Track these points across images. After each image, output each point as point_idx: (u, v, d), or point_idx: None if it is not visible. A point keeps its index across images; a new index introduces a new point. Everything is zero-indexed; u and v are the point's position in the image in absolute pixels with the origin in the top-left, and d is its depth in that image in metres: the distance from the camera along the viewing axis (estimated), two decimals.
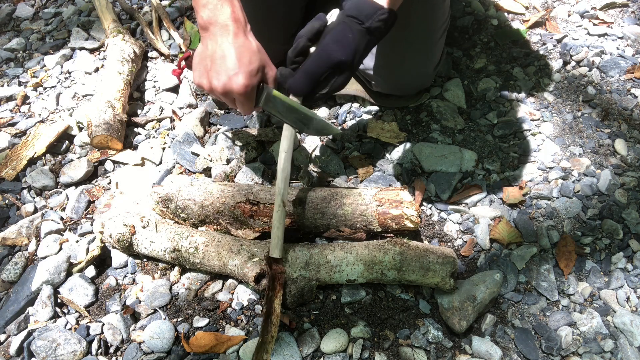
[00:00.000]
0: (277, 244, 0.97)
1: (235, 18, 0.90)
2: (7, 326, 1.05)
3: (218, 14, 0.89)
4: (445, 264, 0.98)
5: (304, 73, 0.92)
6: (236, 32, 0.89)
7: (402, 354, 0.96)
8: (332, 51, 0.89)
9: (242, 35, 0.91)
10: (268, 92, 0.95)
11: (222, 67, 0.90)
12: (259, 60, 0.92)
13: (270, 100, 0.96)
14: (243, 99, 0.92)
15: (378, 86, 1.33)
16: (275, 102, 0.96)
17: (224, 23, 0.89)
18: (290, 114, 0.97)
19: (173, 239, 1.05)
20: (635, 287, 1.05)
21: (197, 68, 0.94)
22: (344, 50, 0.89)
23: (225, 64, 0.89)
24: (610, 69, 1.43)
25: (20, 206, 1.26)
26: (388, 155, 1.31)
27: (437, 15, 1.21)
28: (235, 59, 0.89)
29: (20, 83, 1.59)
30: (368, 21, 0.88)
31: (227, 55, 0.89)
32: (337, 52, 0.89)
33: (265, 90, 0.95)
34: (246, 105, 0.94)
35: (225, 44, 0.89)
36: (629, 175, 1.21)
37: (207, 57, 0.91)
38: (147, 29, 1.64)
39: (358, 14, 0.88)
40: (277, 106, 0.97)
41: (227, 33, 0.89)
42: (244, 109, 0.96)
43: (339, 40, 0.89)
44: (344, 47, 0.89)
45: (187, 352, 0.98)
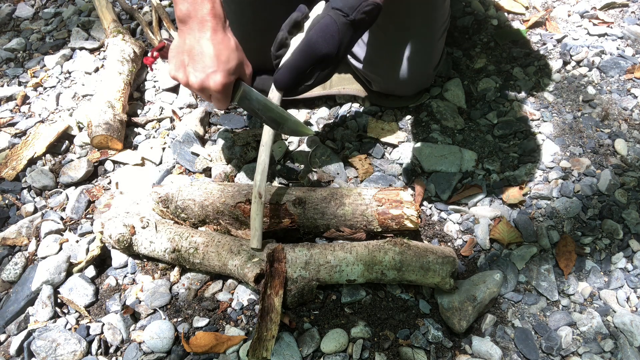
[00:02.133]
0: (255, 234, 0.99)
1: (215, 14, 0.89)
2: (7, 326, 1.05)
3: (198, 9, 0.88)
4: (445, 264, 0.98)
5: (288, 67, 0.91)
6: (215, 28, 0.89)
7: (402, 354, 0.96)
8: (317, 45, 0.89)
9: (221, 31, 0.90)
10: (244, 90, 0.96)
11: (200, 63, 0.89)
12: (237, 58, 0.92)
13: (246, 98, 0.96)
14: (220, 95, 0.92)
15: (378, 86, 1.33)
16: (250, 100, 0.97)
17: (203, 18, 0.88)
18: (265, 113, 0.98)
19: (173, 239, 1.05)
20: (635, 287, 1.05)
21: (173, 61, 0.93)
22: (328, 43, 0.89)
23: (203, 60, 0.89)
24: (610, 69, 1.43)
25: (20, 206, 1.26)
26: (388, 155, 1.31)
27: (437, 16, 1.21)
28: (213, 56, 0.89)
29: (20, 83, 1.59)
30: (352, 13, 0.87)
31: (205, 52, 0.89)
32: (322, 45, 0.89)
33: (242, 87, 0.95)
34: (222, 101, 0.95)
35: (204, 40, 0.89)
36: (629, 175, 1.21)
37: (184, 52, 0.91)
38: (147, 29, 1.64)
39: (343, 7, 0.88)
40: (252, 104, 0.97)
41: (205, 29, 0.88)
42: (219, 105, 0.96)
43: (324, 33, 0.88)
44: (328, 40, 0.89)
45: (187, 352, 0.98)
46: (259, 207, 0.99)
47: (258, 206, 0.99)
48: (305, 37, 0.91)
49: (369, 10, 0.88)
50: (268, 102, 0.97)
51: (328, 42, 0.89)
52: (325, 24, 0.89)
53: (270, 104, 0.97)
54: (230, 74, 0.91)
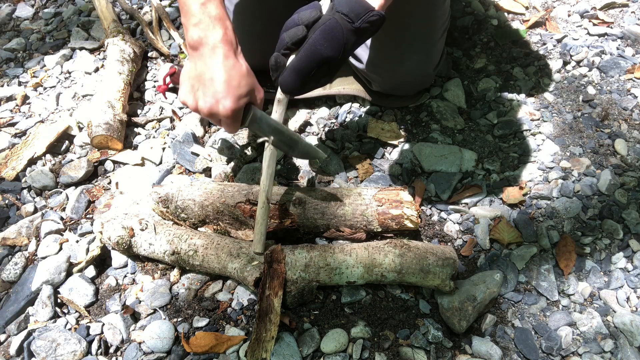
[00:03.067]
0: (260, 239, 0.99)
1: (227, 40, 0.89)
2: (7, 326, 1.05)
3: (209, 35, 0.87)
4: (446, 266, 0.98)
5: (293, 70, 0.90)
6: (227, 55, 0.88)
7: (402, 354, 0.96)
8: (322, 47, 0.88)
9: (233, 57, 0.90)
10: (254, 114, 0.95)
11: (210, 89, 0.89)
12: (248, 84, 0.92)
13: (256, 122, 0.96)
14: (229, 121, 0.92)
15: (378, 86, 1.33)
16: (261, 124, 0.97)
17: (214, 44, 0.88)
18: (276, 136, 0.98)
19: (172, 241, 1.05)
20: (635, 287, 1.05)
21: (184, 86, 0.93)
22: (332, 47, 0.88)
23: (213, 86, 0.89)
24: (610, 69, 1.43)
25: (20, 206, 1.26)
26: (388, 155, 1.31)
27: (437, 15, 1.21)
28: (224, 82, 0.88)
29: (20, 83, 1.59)
30: (358, 21, 0.87)
31: (216, 77, 0.88)
32: (327, 48, 0.88)
33: (252, 112, 0.95)
34: (231, 126, 0.94)
35: (215, 66, 0.88)
36: (629, 175, 1.21)
37: (195, 77, 0.90)
38: (147, 29, 1.64)
39: (349, 12, 0.87)
40: (262, 127, 0.97)
41: (217, 55, 0.88)
42: (228, 129, 0.96)
43: (329, 36, 0.88)
44: (333, 44, 0.88)
45: (187, 352, 0.98)
46: (265, 212, 0.99)
47: (265, 211, 0.99)
48: (309, 38, 0.90)
49: (374, 20, 0.88)
50: (279, 125, 0.97)
51: (332, 46, 0.88)
52: (330, 26, 0.88)
53: (281, 127, 0.97)
54: (240, 99, 0.91)
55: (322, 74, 0.93)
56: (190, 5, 0.87)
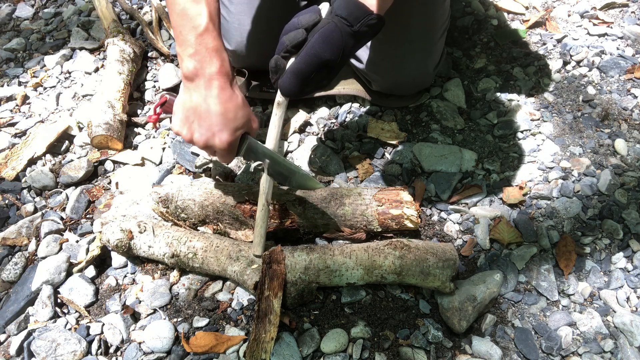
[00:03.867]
0: (260, 242, 0.98)
1: (224, 72, 0.88)
2: (7, 326, 1.05)
3: (206, 67, 0.87)
4: (446, 268, 0.98)
5: (293, 73, 0.90)
6: (223, 87, 0.88)
7: (402, 354, 0.96)
8: (321, 50, 0.88)
9: (229, 89, 0.89)
10: (250, 144, 0.96)
11: (206, 121, 0.89)
12: (244, 116, 0.92)
13: (252, 152, 0.97)
14: (225, 152, 0.93)
15: (378, 86, 1.33)
16: (257, 154, 0.97)
17: (210, 77, 0.87)
18: (271, 166, 0.97)
19: (171, 244, 1.05)
20: (635, 287, 1.05)
21: (178, 117, 0.92)
22: (331, 50, 0.88)
23: (209, 119, 0.88)
24: (610, 69, 1.43)
25: (20, 206, 1.26)
26: (388, 155, 1.31)
27: (437, 15, 1.21)
28: (220, 115, 0.88)
29: (20, 83, 1.59)
30: (357, 25, 0.87)
31: (212, 110, 0.88)
32: (326, 51, 0.88)
33: (247, 142, 0.95)
34: (226, 157, 0.95)
35: (211, 99, 0.88)
36: (629, 175, 1.21)
37: (190, 109, 0.90)
38: (147, 29, 1.64)
39: (348, 16, 0.87)
40: (258, 157, 0.97)
41: (213, 87, 0.88)
42: (223, 160, 0.96)
43: (327, 40, 0.88)
44: (332, 47, 0.88)
45: (187, 352, 0.98)
46: (265, 214, 0.98)
47: (264, 214, 0.98)
48: (308, 42, 0.90)
49: (373, 24, 0.88)
50: (275, 155, 0.96)
51: (332, 49, 0.88)
52: (329, 30, 0.88)
53: (277, 157, 0.97)
54: (236, 132, 0.91)
55: (322, 77, 0.93)
56: (186, 35, 0.86)
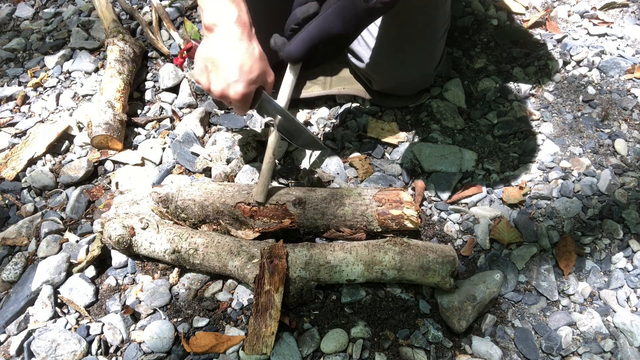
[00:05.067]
0: (263, 190, 1.04)
1: (242, 22, 0.89)
2: (7, 326, 1.05)
3: (224, 16, 0.88)
4: (445, 263, 0.98)
5: (302, 40, 0.92)
6: (240, 37, 0.89)
7: (402, 354, 0.96)
8: (333, 23, 0.89)
9: (246, 40, 0.90)
10: (264, 98, 0.97)
11: (223, 72, 0.90)
12: (260, 68, 0.93)
13: (265, 106, 0.98)
14: (239, 104, 0.94)
15: (378, 86, 1.33)
16: (269, 109, 0.99)
17: (229, 26, 0.88)
18: (282, 123, 1.00)
19: (172, 240, 1.05)
20: (635, 287, 1.05)
21: (198, 65, 0.94)
22: (344, 25, 0.89)
23: (225, 69, 0.90)
24: (610, 69, 1.43)
25: (20, 206, 1.26)
26: (388, 155, 1.31)
27: (438, 15, 1.21)
28: (236, 66, 0.89)
29: (20, 83, 1.59)
30: (373, 0, 0.88)
31: (229, 61, 0.89)
32: (338, 25, 0.89)
33: (262, 96, 0.97)
34: (241, 108, 0.96)
35: (229, 49, 0.89)
36: (629, 175, 1.21)
37: (209, 59, 0.91)
38: (147, 29, 1.63)
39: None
40: (270, 113, 0.99)
41: (231, 37, 0.89)
42: (238, 111, 0.98)
43: (341, 14, 0.89)
44: (345, 22, 0.89)
45: (187, 352, 0.98)
46: (271, 166, 1.04)
47: (270, 166, 1.04)
48: (322, 13, 0.91)
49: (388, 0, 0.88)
50: (286, 112, 0.99)
51: (344, 24, 0.89)
52: (344, 5, 0.89)
53: (288, 114, 0.99)
54: (251, 84, 0.92)
55: (330, 50, 0.94)
56: None
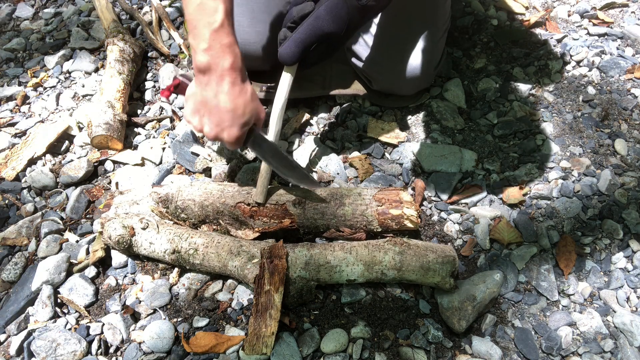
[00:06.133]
0: (262, 191, 1.05)
1: (236, 67, 0.89)
2: (7, 326, 1.05)
3: (218, 63, 0.88)
4: (446, 263, 0.98)
5: (294, 42, 0.92)
6: (234, 82, 0.89)
7: (402, 354, 0.96)
8: (325, 22, 0.89)
9: (239, 84, 0.90)
10: (256, 136, 0.98)
11: (216, 116, 0.90)
12: (252, 110, 0.93)
13: (258, 144, 0.99)
14: (232, 145, 0.95)
15: (378, 85, 1.33)
16: (262, 146, 1.00)
17: (222, 72, 0.88)
18: (275, 159, 1.01)
19: (172, 240, 1.05)
20: (635, 287, 1.05)
21: (190, 106, 0.94)
22: (336, 23, 0.89)
23: (219, 114, 0.90)
24: (610, 69, 1.43)
25: (20, 206, 1.26)
26: (388, 155, 1.31)
27: (438, 15, 1.21)
28: (229, 111, 0.90)
29: (20, 83, 1.59)
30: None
31: (222, 106, 0.89)
32: (330, 24, 0.89)
33: (254, 134, 0.98)
34: (234, 147, 0.97)
35: (221, 95, 0.89)
36: (629, 175, 1.21)
37: (201, 102, 0.91)
38: (147, 29, 1.63)
39: None
40: (263, 149, 1.00)
41: (224, 83, 0.89)
42: (231, 148, 0.98)
43: (333, 12, 0.89)
44: (337, 20, 0.89)
45: (187, 352, 0.98)
46: (269, 167, 1.04)
47: (268, 167, 1.04)
48: (314, 12, 0.91)
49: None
50: (279, 149, 1.00)
51: (336, 22, 0.89)
52: (335, 3, 0.89)
53: (281, 152, 1.00)
54: (244, 126, 0.93)
55: (323, 50, 0.94)
56: (201, 29, 0.87)
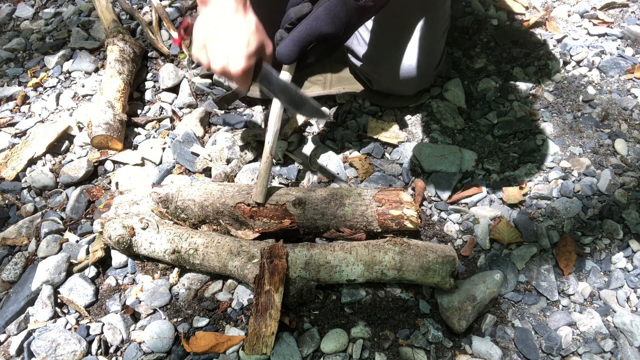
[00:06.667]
0: (262, 191, 1.05)
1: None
2: (7, 326, 1.05)
3: None
4: (445, 263, 0.98)
5: (292, 40, 0.91)
6: (236, 10, 0.87)
7: (402, 354, 0.96)
8: (323, 23, 0.89)
9: (242, 12, 0.88)
10: (265, 70, 0.96)
11: (221, 48, 0.89)
12: (257, 41, 0.91)
13: (266, 79, 0.97)
14: (241, 78, 0.92)
15: (378, 85, 1.33)
16: (270, 81, 0.97)
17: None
18: (285, 94, 0.98)
19: (172, 240, 1.05)
20: (635, 287, 1.05)
21: (196, 42, 0.92)
22: (334, 24, 0.89)
23: (223, 46, 0.88)
24: (610, 69, 1.43)
25: (20, 206, 1.26)
26: (388, 155, 1.31)
27: (438, 15, 1.21)
28: (233, 41, 0.88)
29: (20, 83, 1.59)
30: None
31: (225, 35, 0.88)
32: (328, 25, 0.89)
33: (263, 69, 0.96)
34: (242, 83, 0.95)
35: (225, 23, 0.87)
36: (629, 175, 1.21)
37: (206, 34, 0.90)
38: (147, 29, 1.64)
39: None
40: (272, 85, 0.98)
41: (226, 10, 0.87)
42: (240, 85, 0.96)
43: (331, 13, 0.89)
44: (335, 21, 0.89)
45: (187, 352, 0.98)
46: (268, 166, 1.05)
47: (268, 165, 1.05)
48: (312, 13, 0.91)
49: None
50: (287, 84, 0.97)
51: (335, 23, 0.88)
52: (334, 4, 0.88)
53: (290, 85, 0.97)
54: (250, 57, 0.90)
55: (322, 50, 0.93)
56: None
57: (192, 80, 1.50)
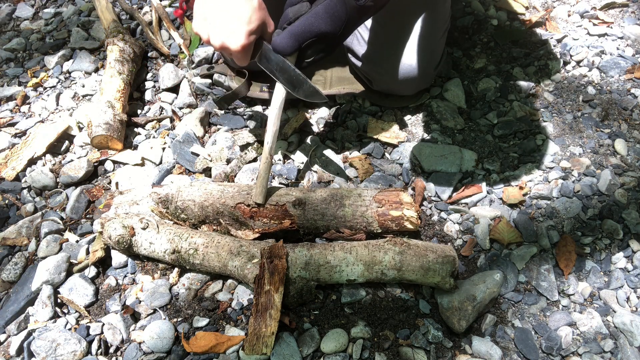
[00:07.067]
0: (262, 191, 1.05)
1: None
2: (7, 326, 1.05)
3: None
4: (446, 263, 0.98)
5: (289, 33, 0.91)
6: None
7: (402, 354, 0.96)
8: (321, 21, 0.88)
9: None
10: (265, 49, 0.96)
11: (222, 23, 0.88)
12: (259, 18, 0.91)
13: (266, 58, 0.96)
14: (240, 55, 0.92)
15: (378, 85, 1.33)
16: (269, 60, 0.97)
17: None
18: (283, 74, 0.98)
19: (172, 240, 1.05)
20: (635, 287, 1.05)
21: (196, 16, 0.92)
22: (333, 23, 0.89)
23: (224, 21, 0.88)
24: (610, 69, 1.43)
25: (20, 206, 1.26)
26: (388, 155, 1.31)
27: (438, 15, 1.21)
28: (235, 17, 0.87)
29: (20, 83, 1.59)
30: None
31: (227, 11, 0.87)
32: (326, 23, 0.88)
33: (263, 47, 0.96)
34: (242, 60, 0.94)
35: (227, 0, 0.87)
36: (629, 175, 1.21)
37: (208, 8, 0.89)
38: (147, 29, 1.64)
39: None
40: (271, 64, 0.97)
41: None
42: (239, 62, 0.96)
43: (331, 12, 0.88)
44: (333, 20, 0.89)
45: (187, 352, 0.98)
46: (268, 166, 1.05)
47: (267, 166, 1.05)
48: (312, 9, 0.90)
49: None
50: (286, 63, 0.97)
51: (334, 22, 0.88)
52: (334, 2, 0.88)
53: (289, 65, 0.97)
54: (251, 35, 0.90)
55: (320, 49, 0.93)
56: None
57: (192, 80, 1.50)
